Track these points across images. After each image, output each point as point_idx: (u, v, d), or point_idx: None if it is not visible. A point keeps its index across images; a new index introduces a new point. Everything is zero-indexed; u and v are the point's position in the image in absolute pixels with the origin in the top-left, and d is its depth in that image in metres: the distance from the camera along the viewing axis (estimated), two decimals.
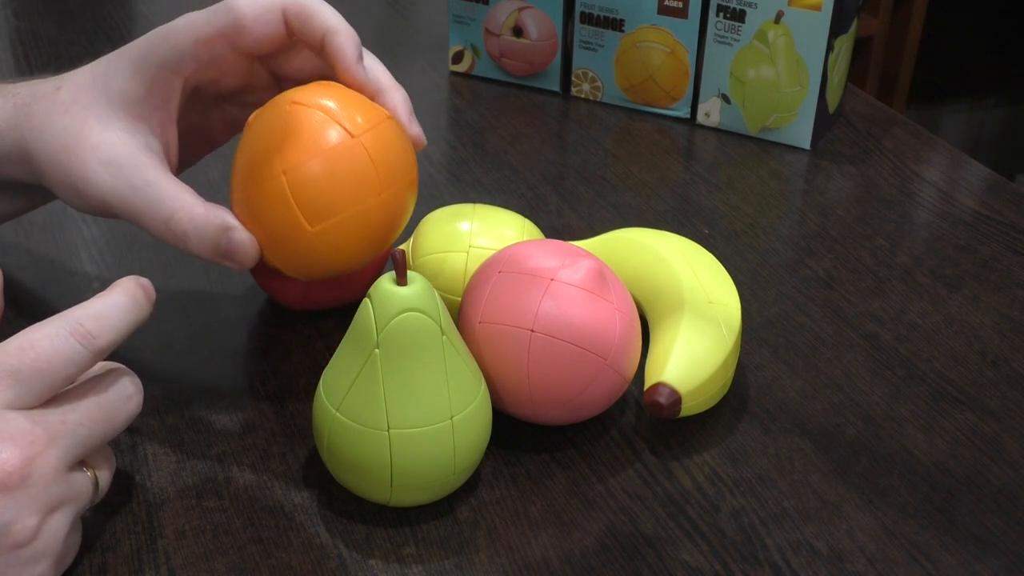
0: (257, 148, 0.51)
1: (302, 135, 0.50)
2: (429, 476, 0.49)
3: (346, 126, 0.50)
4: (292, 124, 0.50)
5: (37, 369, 0.44)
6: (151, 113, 0.54)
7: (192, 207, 0.52)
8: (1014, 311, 0.66)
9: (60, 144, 0.54)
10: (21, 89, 0.57)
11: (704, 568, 0.49)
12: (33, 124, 0.55)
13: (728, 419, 0.57)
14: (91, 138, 0.53)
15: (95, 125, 0.54)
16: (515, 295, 0.52)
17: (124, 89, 0.54)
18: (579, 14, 0.86)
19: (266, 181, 0.50)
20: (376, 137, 0.51)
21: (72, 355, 0.44)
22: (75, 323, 0.45)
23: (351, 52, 0.53)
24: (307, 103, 0.51)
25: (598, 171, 0.80)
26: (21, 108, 0.55)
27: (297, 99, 0.51)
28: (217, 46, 0.53)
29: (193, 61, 0.53)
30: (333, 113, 0.51)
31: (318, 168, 0.50)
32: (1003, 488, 0.54)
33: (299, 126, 0.50)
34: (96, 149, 0.53)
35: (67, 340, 0.44)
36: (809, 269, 0.69)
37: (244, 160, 0.52)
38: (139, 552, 0.49)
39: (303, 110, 0.51)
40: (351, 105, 0.51)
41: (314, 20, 0.53)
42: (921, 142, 0.85)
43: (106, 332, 0.45)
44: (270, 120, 0.51)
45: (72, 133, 0.54)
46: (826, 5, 0.77)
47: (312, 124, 0.50)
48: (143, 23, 1.00)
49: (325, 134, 0.50)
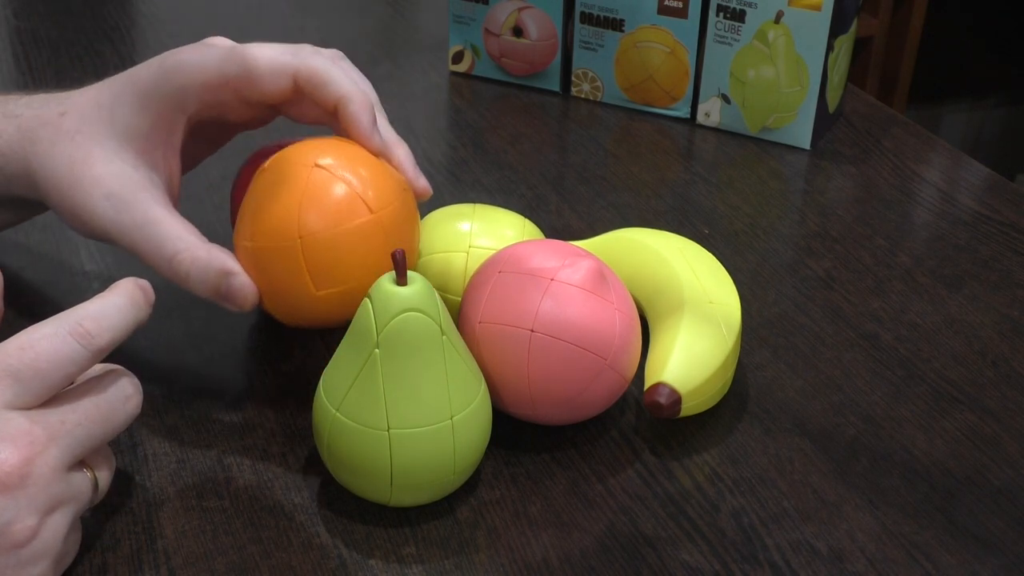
0: (274, 205, 0.51)
1: (325, 205, 0.50)
2: (429, 476, 0.49)
3: (369, 203, 0.51)
4: (314, 190, 0.51)
5: (36, 369, 0.44)
6: (155, 147, 0.55)
7: (195, 249, 0.52)
8: (1014, 311, 0.66)
9: (64, 173, 0.54)
10: (23, 110, 0.57)
11: (704, 568, 0.49)
12: (38, 150, 0.55)
13: (728, 419, 0.57)
14: (95, 169, 0.54)
15: (100, 156, 0.54)
16: (515, 295, 0.52)
17: (129, 122, 0.54)
18: (579, 14, 0.86)
19: (280, 240, 0.51)
20: (393, 213, 0.52)
21: (71, 355, 0.45)
22: (74, 323, 0.45)
23: (365, 120, 0.53)
24: (332, 170, 0.51)
25: (598, 171, 0.80)
26: (26, 132, 0.56)
27: (321, 163, 0.51)
28: (223, 93, 0.54)
29: (198, 102, 0.54)
30: (357, 188, 0.51)
31: (336, 241, 0.50)
32: (1003, 488, 0.54)
33: (322, 195, 0.51)
34: (100, 182, 0.53)
35: (66, 340, 0.44)
36: (809, 269, 0.69)
37: (256, 211, 0.52)
38: (139, 552, 0.49)
39: (327, 177, 0.51)
40: (374, 178, 0.52)
41: (327, 88, 0.53)
42: (921, 142, 0.85)
43: (105, 332, 0.46)
44: (290, 178, 0.51)
45: (76, 163, 0.54)
46: (826, 5, 0.77)
47: (336, 196, 0.51)
48: (143, 23, 1.00)
49: (348, 209, 0.50)
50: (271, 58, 0.53)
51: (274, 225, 0.51)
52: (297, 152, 0.52)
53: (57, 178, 0.54)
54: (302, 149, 0.52)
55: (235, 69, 0.53)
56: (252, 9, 1.03)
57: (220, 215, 0.71)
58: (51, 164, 0.54)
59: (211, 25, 0.99)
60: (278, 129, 0.83)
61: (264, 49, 0.53)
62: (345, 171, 0.51)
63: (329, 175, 0.51)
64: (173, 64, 0.53)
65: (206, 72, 0.53)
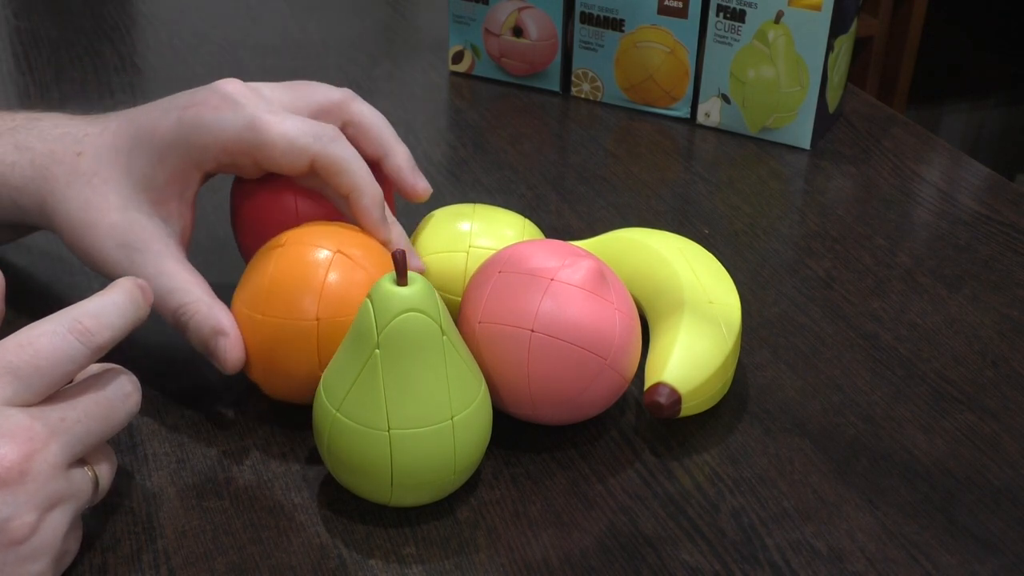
0: (293, 284, 0.51)
1: (347, 291, 0.51)
2: (429, 476, 0.49)
3: None
4: (337, 277, 0.51)
5: (36, 366, 0.44)
6: (169, 199, 0.56)
7: (199, 303, 0.53)
8: (1014, 311, 0.66)
9: (79, 216, 0.55)
10: (35, 143, 0.57)
11: (704, 568, 0.49)
12: (54, 188, 0.56)
13: (728, 419, 0.57)
14: (111, 216, 0.55)
15: (115, 204, 0.55)
16: (515, 295, 0.52)
17: (146, 172, 0.55)
18: (579, 14, 0.86)
19: (295, 319, 0.51)
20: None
21: (71, 352, 0.45)
22: (73, 321, 0.45)
23: (376, 214, 0.55)
24: (352, 257, 0.52)
25: (598, 171, 0.80)
26: (40, 169, 0.56)
27: (342, 248, 0.52)
28: (240, 157, 0.54)
29: (215, 162, 0.55)
30: (375, 276, 0.52)
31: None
32: (1003, 488, 0.54)
33: (344, 281, 0.51)
34: (114, 230, 0.54)
35: (65, 337, 0.45)
36: (809, 269, 0.69)
37: (272, 288, 0.52)
38: (139, 552, 0.49)
39: (347, 264, 0.52)
40: (390, 269, 0.53)
41: (342, 177, 0.54)
42: (921, 142, 0.85)
43: (104, 330, 0.46)
44: (312, 263, 0.52)
45: (92, 208, 0.55)
46: (826, 5, 0.77)
47: (356, 282, 0.52)
48: (143, 23, 1.00)
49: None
50: (291, 139, 0.53)
51: (292, 304, 0.51)
52: (319, 236, 0.53)
53: (71, 220, 0.55)
54: (324, 233, 0.53)
55: (253, 141, 0.53)
56: (252, 9, 1.03)
57: (220, 215, 0.71)
58: (66, 206, 0.55)
59: (211, 25, 0.99)
60: None
61: (286, 124, 0.54)
62: (367, 262, 0.52)
63: (350, 262, 0.52)
64: (193, 122, 0.54)
65: (225, 136, 0.54)
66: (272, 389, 0.54)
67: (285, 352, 0.52)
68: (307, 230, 0.54)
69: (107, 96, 0.87)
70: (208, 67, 0.92)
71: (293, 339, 0.51)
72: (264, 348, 0.52)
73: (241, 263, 0.58)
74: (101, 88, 0.88)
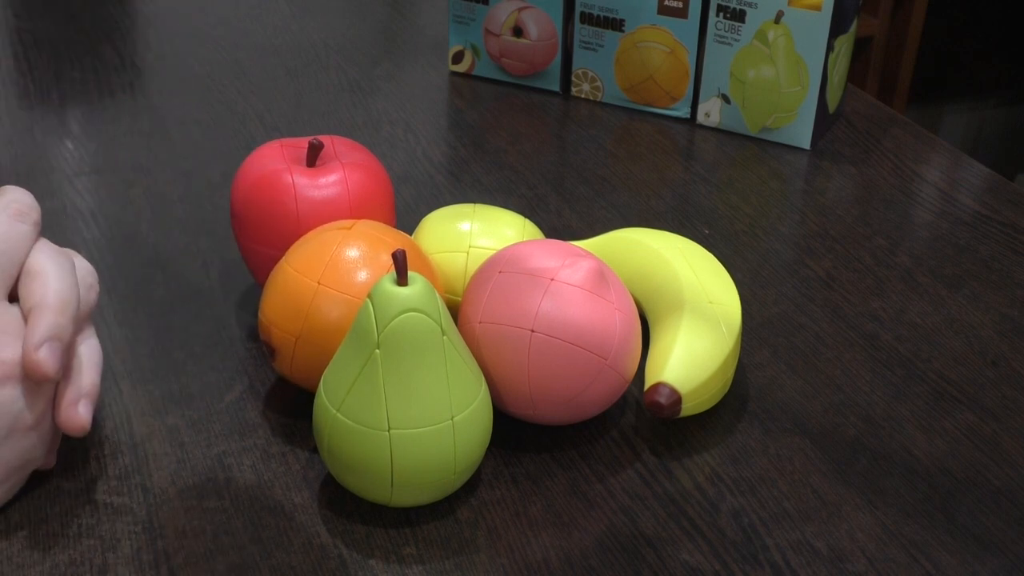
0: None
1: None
2: (429, 476, 0.49)
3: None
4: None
5: (2, 251, 0.49)
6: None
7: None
8: (1014, 311, 0.66)
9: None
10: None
11: (704, 568, 0.49)
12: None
13: (728, 419, 0.57)
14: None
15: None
16: (515, 295, 0.52)
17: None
18: (579, 14, 0.86)
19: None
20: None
21: (21, 230, 0.50)
22: (6, 208, 0.50)
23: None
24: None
25: (598, 171, 0.80)
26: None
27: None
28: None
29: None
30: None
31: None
32: (1003, 488, 0.54)
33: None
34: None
35: (11, 222, 0.50)
36: (809, 269, 0.69)
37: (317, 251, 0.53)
38: (139, 552, 0.49)
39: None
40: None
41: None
42: (921, 142, 0.85)
43: (32, 210, 0.51)
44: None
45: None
46: (826, 5, 0.77)
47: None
48: (143, 23, 1.00)
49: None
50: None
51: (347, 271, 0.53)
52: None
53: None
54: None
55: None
56: (252, 9, 1.03)
57: (220, 215, 0.71)
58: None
59: (211, 25, 0.99)
60: (277, 129, 0.83)
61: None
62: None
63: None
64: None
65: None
66: (291, 372, 0.54)
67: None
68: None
69: (107, 96, 0.87)
70: (208, 67, 0.92)
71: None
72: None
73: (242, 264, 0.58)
74: (101, 88, 0.88)
